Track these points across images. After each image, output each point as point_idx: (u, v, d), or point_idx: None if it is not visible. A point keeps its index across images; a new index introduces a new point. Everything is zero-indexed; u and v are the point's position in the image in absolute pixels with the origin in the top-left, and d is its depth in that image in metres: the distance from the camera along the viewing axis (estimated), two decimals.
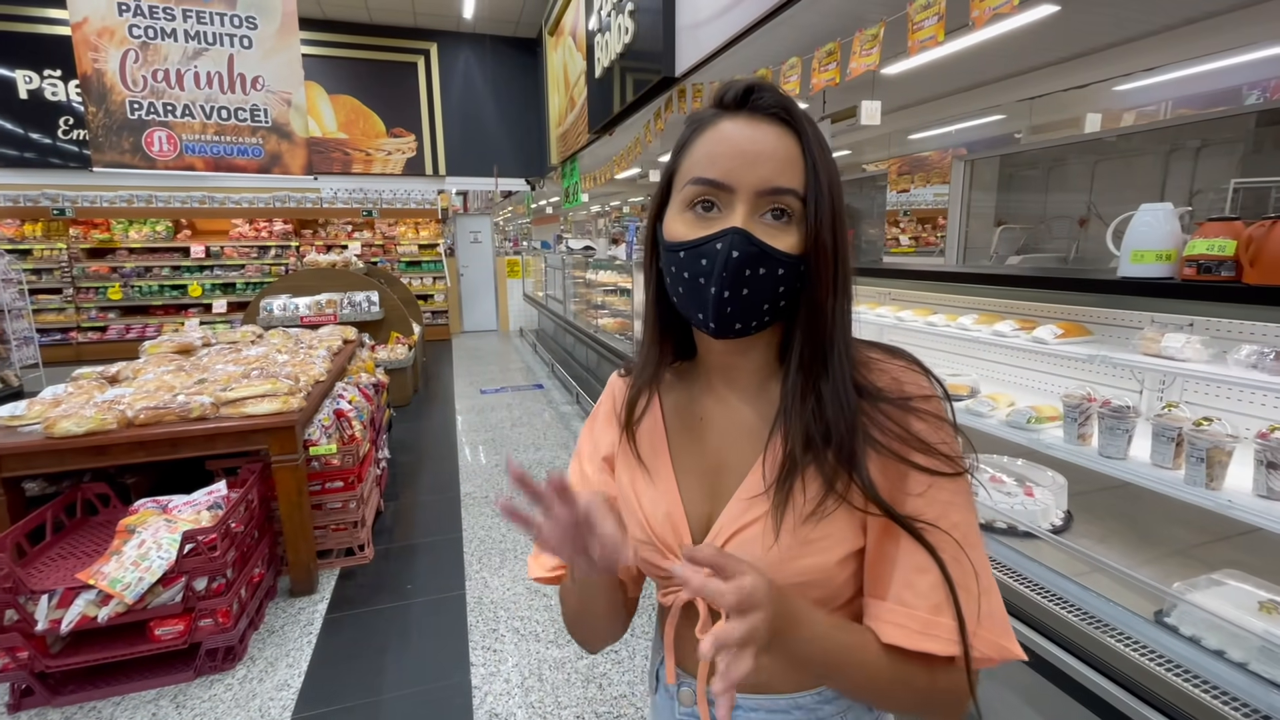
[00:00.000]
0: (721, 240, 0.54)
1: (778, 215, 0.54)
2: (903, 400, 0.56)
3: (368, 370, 3.89)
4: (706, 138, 0.57)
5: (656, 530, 0.64)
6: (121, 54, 5.49)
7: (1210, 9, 2.89)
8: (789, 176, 0.54)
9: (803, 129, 0.55)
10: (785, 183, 0.54)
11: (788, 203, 0.54)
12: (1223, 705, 1.02)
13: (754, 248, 0.53)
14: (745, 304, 0.55)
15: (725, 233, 0.54)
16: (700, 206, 0.56)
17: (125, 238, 7.95)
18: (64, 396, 2.46)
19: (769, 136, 0.54)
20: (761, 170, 0.54)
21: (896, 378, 0.58)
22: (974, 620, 0.53)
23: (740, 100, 0.56)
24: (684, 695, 0.68)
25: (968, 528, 0.55)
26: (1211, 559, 1.35)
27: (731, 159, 0.54)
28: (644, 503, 0.66)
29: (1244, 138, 3.62)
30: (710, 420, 0.65)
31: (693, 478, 0.65)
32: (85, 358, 7.69)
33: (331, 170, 8.46)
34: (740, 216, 0.54)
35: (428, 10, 7.96)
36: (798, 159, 0.54)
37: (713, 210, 0.55)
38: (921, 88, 4.59)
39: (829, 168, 0.55)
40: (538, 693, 2.05)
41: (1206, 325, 1.45)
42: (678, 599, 0.65)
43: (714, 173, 0.55)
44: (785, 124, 0.55)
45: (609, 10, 4.75)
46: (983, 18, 1.81)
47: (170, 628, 2.05)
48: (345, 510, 2.81)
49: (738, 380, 0.64)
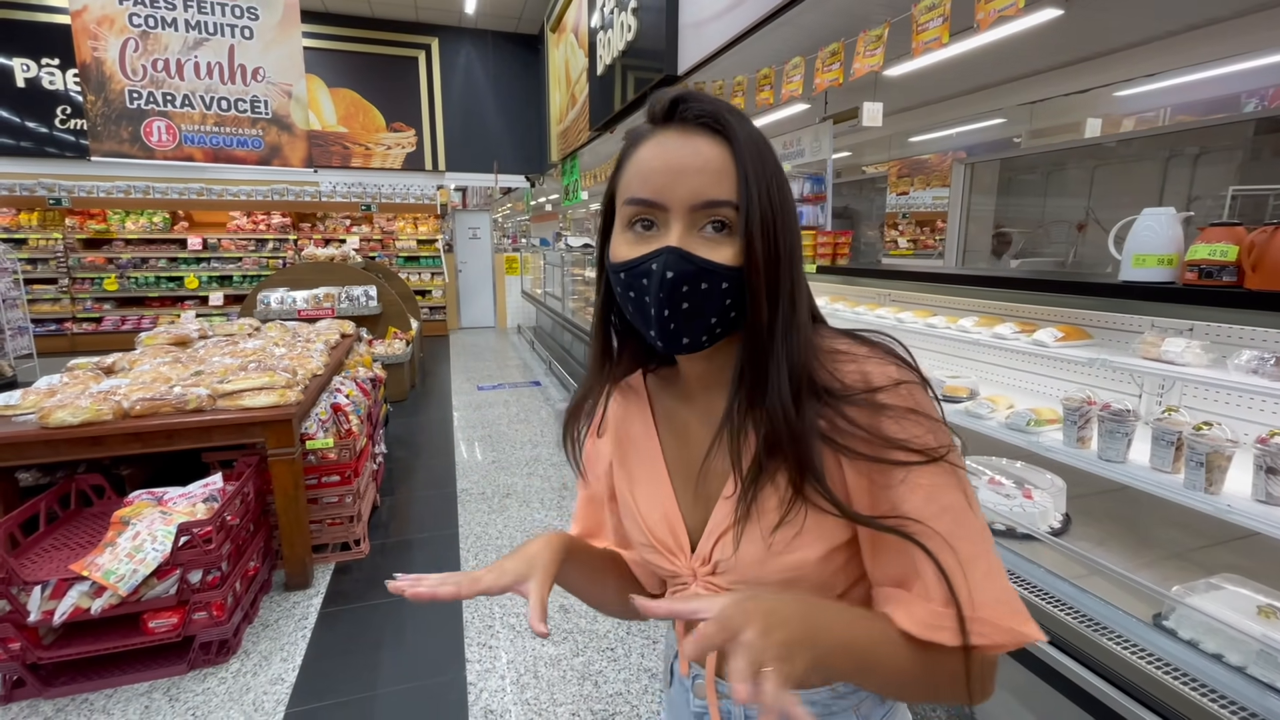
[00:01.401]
0: (656, 260, 0.53)
1: (718, 227, 0.53)
2: (869, 395, 0.54)
3: (365, 365, 3.88)
4: (638, 155, 0.56)
5: (655, 532, 0.66)
6: (121, 43, 5.45)
7: (1213, 15, 2.90)
8: (721, 188, 0.53)
9: (734, 136, 0.53)
10: (718, 194, 0.53)
11: (724, 214, 0.53)
12: (1221, 709, 1.02)
13: (690, 265, 0.52)
14: (689, 319, 0.54)
15: (659, 252, 0.53)
16: (640, 225, 0.55)
17: (122, 229, 7.90)
18: (59, 387, 2.45)
19: (698, 149, 0.53)
20: (692, 184, 0.53)
21: (864, 371, 0.55)
22: (969, 607, 0.51)
23: (668, 112, 0.55)
24: (698, 688, 0.70)
25: (959, 511, 0.53)
26: (1210, 563, 1.36)
27: (662, 175, 0.53)
28: (641, 506, 0.67)
29: (1242, 145, 3.63)
30: (693, 427, 0.66)
31: (685, 480, 0.65)
32: (80, 349, 7.65)
33: (331, 164, 8.42)
34: (676, 234, 0.53)
35: (430, 5, 7.94)
36: (730, 169, 0.53)
37: (652, 229, 0.55)
38: (923, 90, 4.59)
39: (765, 175, 0.53)
40: (533, 689, 2.04)
41: (1207, 330, 1.45)
42: (685, 594, 0.65)
43: (646, 191, 0.54)
44: (716, 133, 0.54)
45: (611, 8, 4.74)
46: (988, 20, 1.80)
47: (164, 620, 2.04)
48: (341, 505, 2.80)
49: (712, 385, 0.63)
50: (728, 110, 0.54)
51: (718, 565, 0.60)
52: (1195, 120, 3.73)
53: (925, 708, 1.87)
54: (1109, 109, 4.07)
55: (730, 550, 0.59)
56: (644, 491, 0.67)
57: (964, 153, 5.14)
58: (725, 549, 0.59)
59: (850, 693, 0.63)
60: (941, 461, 0.53)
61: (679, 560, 0.64)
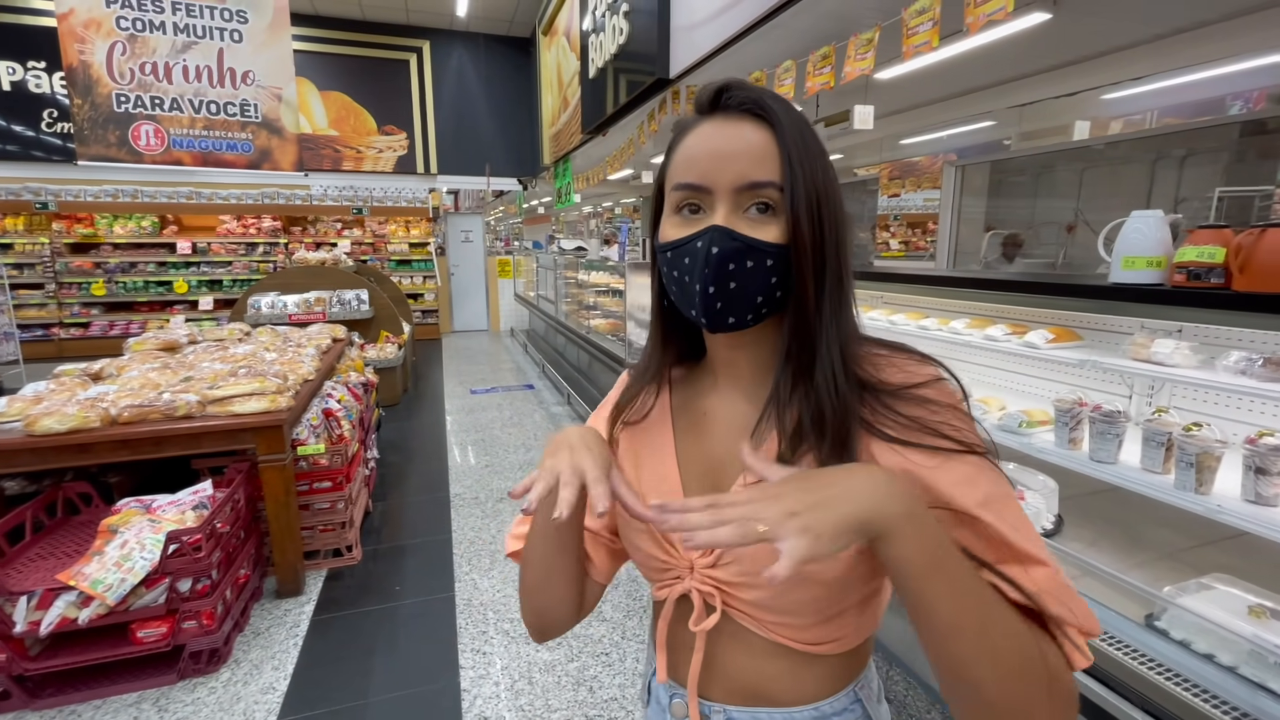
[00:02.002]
0: (701, 238, 0.55)
1: (762, 209, 0.55)
2: (912, 389, 0.55)
3: (357, 369, 3.86)
4: (685, 143, 0.58)
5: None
6: (108, 46, 5.40)
7: (1199, 19, 2.93)
8: (765, 169, 0.54)
9: (777, 121, 0.54)
10: (761, 176, 0.54)
11: (769, 195, 0.54)
12: (1213, 709, 1.03)
13: (735, 242, 0.54)
14: (734, 297, 0.55)
15: (705, 231, 0.55)
16: (687, 209, 0.57)
17: (110, 233, 7.82)
18: (45, 394, 2.41)
19: (742, 133, 0.55)
20: (736, 167, 0.54)
21: (905, 369, 0.57)
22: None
23: (714, 101, 0.57)
24: (676, 707, 0.66)
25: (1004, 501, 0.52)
26: (1201, 563, 1.37)
27: (707, 160, 0.55)
28: (645, 492, 0.66)
29: (1228, 147, 3.67)
30: (713, 415, 0.65)
31: (696, 471, 0.65)
32: (68, 354, 7.56)
33: (322, 167, 8.38)
34: (721, 215, 0.55)
35: (421, 8, 7.92)
36: (774, 151, 0.54)
37: (699, 213, 0.57)
38: (914, 93, 4.62)
39: (810, 157, 0.54)
40: (527, 695, 2.03)
41: (1195, 331, 1.47)
42: (672, 592, 0.63)
43: (692, 176, 0.56)
44: (759, 118, 0.55)
45: (604, 11, 4.74)
46: (977, 24, 1.82)
47: (153, 630, 2.01)
48: (333, 511, 2.78)
49: (741, 375, 0.64)
50: (771, 97, 0.56)
51: (722, 555, 0.59)
52: (1182, 123, 3.77)
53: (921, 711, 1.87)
54: (1097, 112, 4.11)
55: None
56: (649, 477, 0.67)
57: (955, 155, 5.17)
58: None
59: (845, 709, 0.62)
60: (983, 457, 0.53)
61: (675, 551, 0.63)
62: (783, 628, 0.59)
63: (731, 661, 0.62)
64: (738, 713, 0.62)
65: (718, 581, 0.60)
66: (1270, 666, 1.03)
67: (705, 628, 0.60)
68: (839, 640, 0.60)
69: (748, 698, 0.62)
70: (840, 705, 0.62)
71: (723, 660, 0.63)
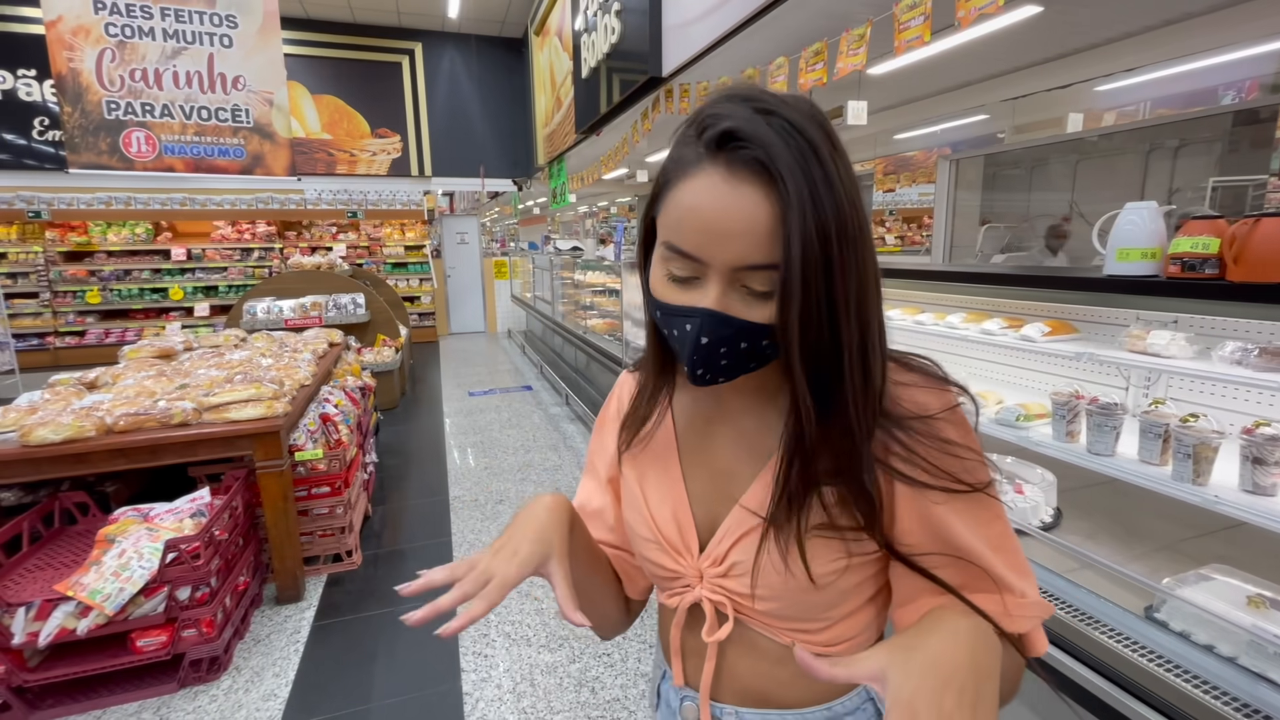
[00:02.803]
0: (691, 320, 0.51)
1: (758, 293, 0.50)
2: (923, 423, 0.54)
3: (354, 373, 3.85)
4: (681, 192, 0.50)
5: (662, 529, 0.63)
6: (98, 53, 5.38)
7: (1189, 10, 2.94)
8: (765, 250, 0.48)
9: (786, 183, 0.46)
10: (760, 259, 0.48)
11: (766, 277, 0.49)
12: (1214, 700, 1.03)
13: (728, 329, 0.50)
14: (726, 366, 0.53)
15: (696, 313, 0.51)
16: (674, 279, 0.53)
17: (104, 240, 7.80)
18: (40, 403, 2.40)
19: (743, 205, 0.47)
20: (734, 248, 0.48)
21: (917, 400, 0.55)
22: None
23: (719, 142, 0.49)
24: (687, 710, 0.66)
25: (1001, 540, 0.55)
26: (1199, 554, 1.37)
27: (704, 233, 0.49)
28: (650, 501, 0.65)
29: (1221, 137, 3.68)
30: (718, 425, 0.64)
31: (701, 480, 0.63)
32: (63, 363, 7.54)
33: (315, 171, 8.35)
34: (713, 295, 0.50)
35: (412, 9, 7.90)
36: (778, 228, 0.47)
37: (689, 283, 0.52)
38: (907, 88, 4.62)
39: (821, 223, 0.46)
40: (530, 698, 2.03)
41: (1191, 322, 1.47)
42: (683, 601, 0.63)
43: (688, 245, 0.50)
44: (770, 180, 0.47)
45: (595, 10, 4.73)
46: (968, 18, 1.81)
47: (153, 639, 2.00)
48: (332, 516, 2.77)
49: (744, 389, 0.61)
50: (782, 143, 0.47)
51: (733, 567, 0.58)
52: (1174, 113, 3.78)
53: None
54: (1090, 104, 4.11)
55: (749, 553, 0.57)
56: (654, 486, 0.65)
57: (949, 149, 5.18)
58: (744, 552, 0.57)
59: (850, 712, 0.62)
60: (983, 494, 0.54)
61: (684, 560, 0.62)
62: (796, 632, 0.58)
63: (742, 665, 0.62)
64: (749, 714, 0.62)
65: (729, 591, 0.59)
66: (1270, 657, 1.03)
67: (719, 638, 0.60)
68: (853, 640, 0.60)
69: (759, 700, 0.62)
70: (853, 704, 0.62)
71: (733, 664, 0.62)
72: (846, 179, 0.49)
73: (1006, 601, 0.54)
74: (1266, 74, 3.27)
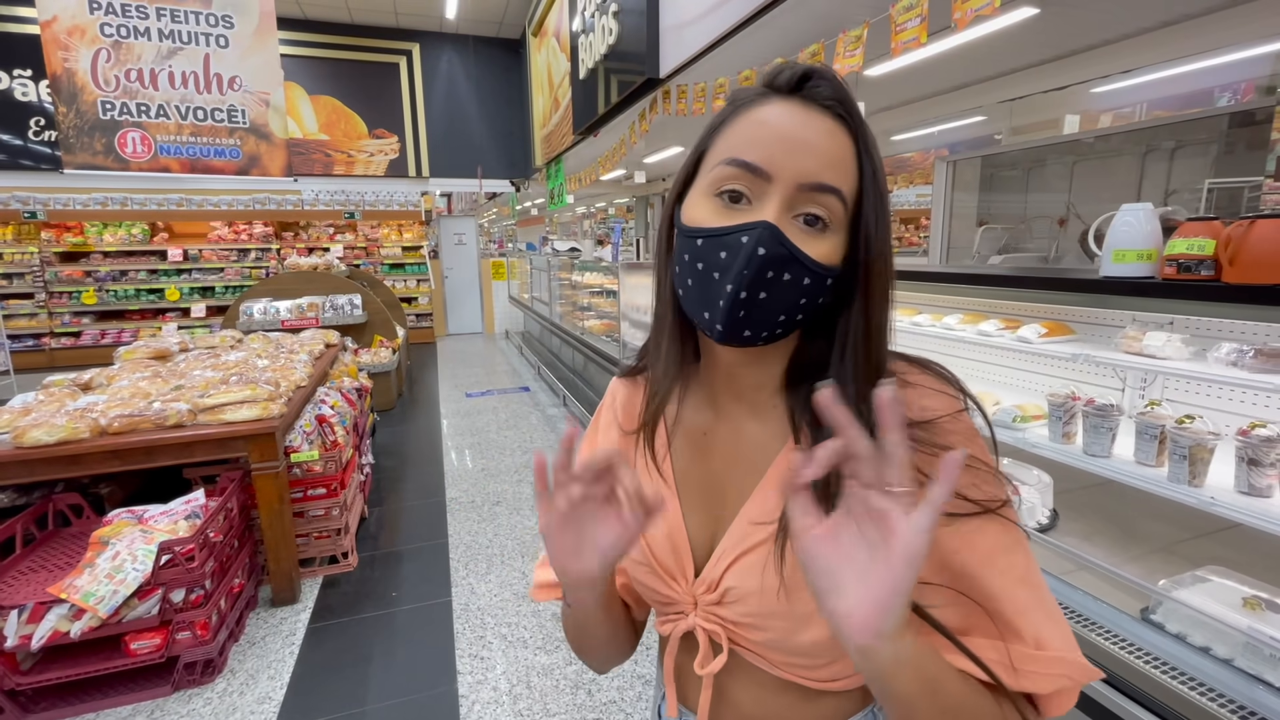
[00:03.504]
0: (749, 233, 0.47)
1: (811, 221, 0.48)
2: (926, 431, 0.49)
3: (350, 374, 3.84)
4: (748, 118, 0.50)
5: (656, 551, 0.60)
6: (93, 53, 5.36)
7: (1186, 11, 2.95)
8: (837, 175, 0.48)
9: (860, 128, 0.49)
10: (832, 180, 0.47)
11: (828, 204, 0.48)
12: (1210, 702, 1.03)
13: (784, 249, 0.47)
14: (761, 310, 0.49)
15: (754, 225, 0.47)
16: (729, 195, 0.49)
17: (99, 241, 7.77)
18: (34, 405, 2.39)
19: (821, 127, 0.48)
20: (807, 162, 0.47)
21: (922, 404, 0.51)
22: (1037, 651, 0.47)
23: (794, 85, 0.50)
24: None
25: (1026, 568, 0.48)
26: (1195, 555, 1.37)
27: (775, 144, 0.48)
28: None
29: (1217, 139, 3.69)
30: (715, 436, 0.60)
31: (696, 496, 0.60)
32: (59, 364, 7.51)
33: (312, 172, 8.33)
34: (773, 209, 0.47)
35: (409, 10, 7.89)
36: (850, 160, 0.48)
37: (741, 201, 0.49)
38: (904, 89, 4.62)
39: (882, 179, 0.50)
40: (526, 700, 2.02)
41: (1187, 324, 1.47)
42: (676, 628, 0.59)
43: (753, 156, 0.48)
44: (841, 120, 0.49)
45: (593, 11, 4.73)
46: (965, 19, 1.81)
47: (146, 641, 1.99)
48: (328, 517, 2.76)
49: (744, 393, 0.58)
50: (853, 99, 0.50)
51: (727, 593, 0.54)
52: (1170, 115, 3.78)
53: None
54: (1086, 105, 4.12)
55: (746, 579, 0.53)
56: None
57: (946, 150, 5.18)
58: (740, 577, 0.53)
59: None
60: (996, 515, 0.48)
61: (678, 586, 0.58)
62: (793, 667, 0.54)
63: (741, 694, 0.58)
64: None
65: (722, 620, 0.55)
66: (1266, 659, 1.03)
67: (712, 670, 0.56)
68: (853, 677, 0.55)
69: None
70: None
71: (732, 693, 0.59)
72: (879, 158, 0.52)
73: (1013, 653, 0.46)
74: (1262, 76, 3.28)
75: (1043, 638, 0.46)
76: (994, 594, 0.47)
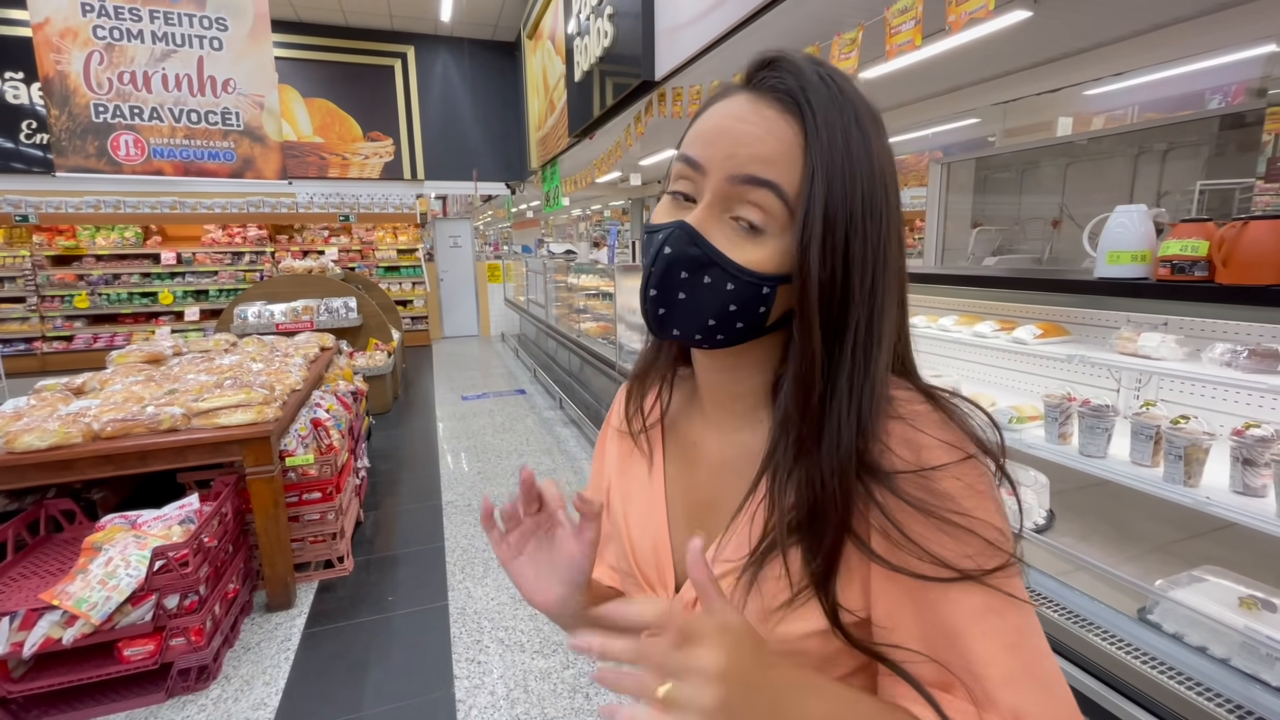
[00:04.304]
0: (663, 231, 0.47)
1: (748, 228, 0.45)
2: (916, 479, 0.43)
3: (346, 378, 3.82)
4: (705, 114, 0.49)
5: (640, 562, 0.58)
6: (85, 55, 5.33)
7: (1177, 14, 2.97)
8: (773, 168, 0.44)
9: (809, 118, 0.44)
10: (763, 172, 0.44)
11: (763, 201, 0.44)
12: (1207, 701, 1.03)
13: (694, 248, 0.45)
14: (683, 310, 0.47)
15: (670, 225, 0.47)
16: (681, 194, 0.48)
17: (92, 244, 7.72)
18: (26, 409, 2.37)
19: (761, 117, 0.45)
20: (738, 154, 0.44)
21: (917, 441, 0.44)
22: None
23: (749, 74, 0.48)
24: None
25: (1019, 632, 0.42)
26: (1191, 555, 1.37)
27: (712, 136, 0.46)
28: (632, 529, 0.60)
29: (1208, 141, 3.72)
30: (703, 448, 0.58)
31: (683, 509, 0.58)
32: (51, 368, 7.46)
33: (307, 174, 8.31)
34: (701, 208, 0.46)
35: (404, 13, 7.88)
36: (794, 152, 0.44)
37: (688, 202, 0.48)
38: (898, 91, 4.64)
39: (848, 173, 0.43)
40: (524, 704, 2.01)
41: (1181, 324, 1.48)
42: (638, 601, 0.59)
43: (693, 150, 0.47)
44: (793, 110, 0.44)
45: (588, 14, 4.74)
46: (959, 22, 1.82)
47: (140, 648, 1.98)
48: (323, 522, 2.75)
49: (725, 403, 0.55)
50: (823, 85, 0.44)
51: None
52: (1162, 117, 3.81)
53: None
54: (1079, 108, 4.15)
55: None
56: (637, 513, 0.60)
57: (940, 152, 5.20)
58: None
59: None
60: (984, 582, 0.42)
61: (659, 598, 0.57)
62: None
63: None
64: None
65: None
66: (1262, 658, 1.04)
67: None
68: None
69: None
70: None
71: None
72: (884, 158, 0.46)
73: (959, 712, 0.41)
74: (1253, 78, 3.30)
75: (1023, 712, 0.40)
76: (974, 659, 0.41)
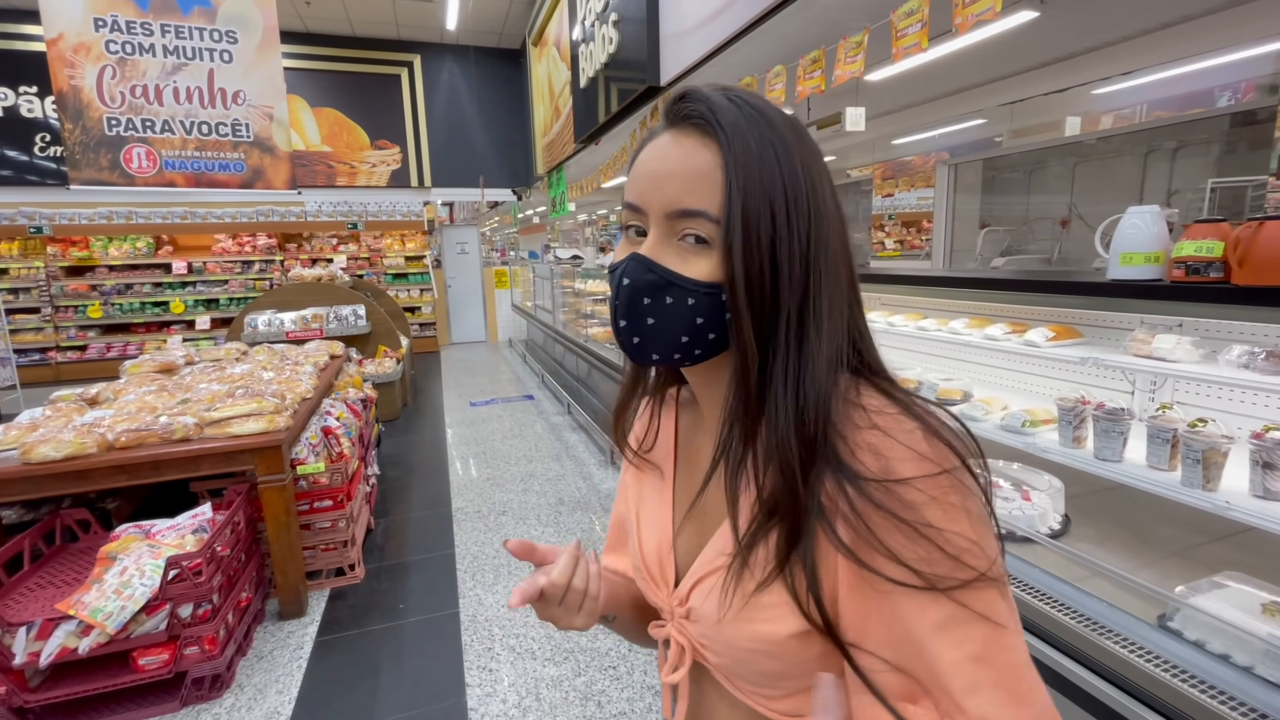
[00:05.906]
0: (620, 266, 0.51)
1: (697, 239, 0.48)
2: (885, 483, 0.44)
3: (355, 385, 3.84)
4: (638, 156, 0.53)
5: (647, 560, 0.62)
6: (98, 70, 5.40)
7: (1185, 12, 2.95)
8: (699, 196, 0.47)
9: (725, 138, 0.47)
10: (693, 203, 0.47)
11: (699, 225, 0.48)
12: (1231, 710, 1.01)
13: (652, 275, 0.49)
14: (655, 334, 0.50)
15: (626, 259, 0.51)
16: (633, 230, 0.53)
17: (105, 255, 7.83)
18: (41, 420, 2.40)
19: (681, 152, 0.48)
20: (668, 190, 0.48)
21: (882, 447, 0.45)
22: None
23: (667, 114, 0.52)
24: None
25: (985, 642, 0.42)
26: (1210, 560, 1.35)
27: (644, 180, 0.50)
28: (642, 530, 0.64)
29: (1218, 139, 3.68)
30: (703, 454, 0.60)
31: (686, 512, 0.62)
32: (65, 378, 7.54)
33: (315, 183, 8.38)
34: (649, 242, 0.50)
35: (410, 22, 7.94)
36: (715, 175, 0.47)
37: (639, 236, 0.52)
38: (905, 93, 4.63)
39: (765, 182, 0.46)
40: (535, 713, 2.01)
41: (1196, 326, 1.46)
42: (660, 635, 0.61)
43: (631, 195, 0.52)
44: (708, 134, 0.48)
45: (593, 20, 4.76)
46: (966, 24, 1.82)
47: (154, 657, 1.99)
48: (334, 529, 2.76)
49: (715, 413, 0.57)
50: (731, 108, 0.48)
51: (691, 611, 0.56)
52: (1171, 116, 3.78)
53: None
54: (1087, 107, 4.12)
55: (704, 600, 0.54)
56: (647, 514, 0.64)
57: (947, 153, 5.18)
58: (700, 598, 0.55)
59: None
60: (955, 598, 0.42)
61: (661, 594, 0.60)
62: (753, 694, 0.54)
63: (720, 708, 0.59)
64: None
65: (689, 635, 0.57)
66: None
67: (673, 680, 0.58)
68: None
69: None
70: None
71: (710, 708, 0.60)
72: (807, 159, 0.49)
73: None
74: (1263, 75, 3.27)
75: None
76: (940, 670, 0.42)
